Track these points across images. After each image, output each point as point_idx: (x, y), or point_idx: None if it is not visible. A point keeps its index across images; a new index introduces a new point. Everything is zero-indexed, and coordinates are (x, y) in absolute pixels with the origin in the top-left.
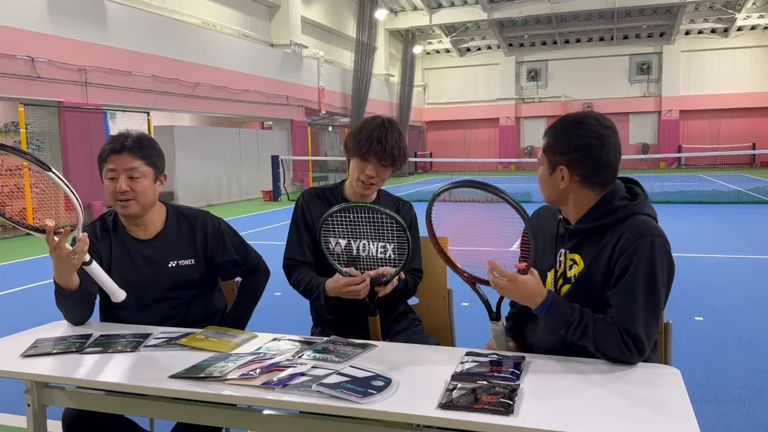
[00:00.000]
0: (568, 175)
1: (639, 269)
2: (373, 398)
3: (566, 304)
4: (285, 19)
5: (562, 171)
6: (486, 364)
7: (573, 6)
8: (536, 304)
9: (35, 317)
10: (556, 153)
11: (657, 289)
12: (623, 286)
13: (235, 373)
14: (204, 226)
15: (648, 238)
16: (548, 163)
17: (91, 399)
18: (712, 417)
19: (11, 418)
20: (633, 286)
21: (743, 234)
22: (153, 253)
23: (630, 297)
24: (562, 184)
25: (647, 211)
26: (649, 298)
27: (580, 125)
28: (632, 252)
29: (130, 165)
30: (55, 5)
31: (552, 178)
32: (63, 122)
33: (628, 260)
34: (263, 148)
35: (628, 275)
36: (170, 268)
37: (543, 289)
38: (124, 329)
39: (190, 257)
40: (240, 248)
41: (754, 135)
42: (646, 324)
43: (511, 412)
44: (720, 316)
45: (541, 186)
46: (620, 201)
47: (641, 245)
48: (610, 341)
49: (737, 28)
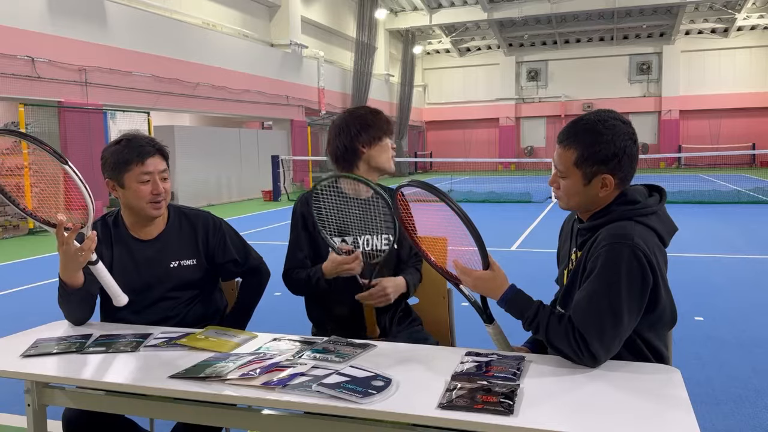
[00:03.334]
0: (612, 182)
1: (602, 275)
2: (373, 398)
3: (525, 299)
4: (285, 19)
5: (604, 179)
6: (486, 364)
7: (573, 6)
8: (497, 297)
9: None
10: (595, 163)
11: (619, 299)
12: (585, 288)
13: (235, 373)
14: (205, 226)
15: (619, 245)
16: (582, 175)
17: (91, 399)
18: (713, 417)
19: (11, 418)
20: (592, 291)
21: (743, 234)
22: (155, 254)
23: (587, 301)
24: (602, 192)
25: (646, 221)
26: (607, 308)
27: (609, 130)
28: (599, 256)
29: (162, 167)
30: (55, 5)
31: (588, 188)
32: (63, 122)
33: (594, 264)
34: (263, 148)
35: (591, 278)
36: (172, 268)
37: (504, 283)
38: (125, 329)
39: (192, 257)
40: (241, 249)
41: (754, 135)
42: (601, 333)
43: (511, 412)
44: (720, 316)
45: (568, 196)
46: (619, 205)
47: (609, 251)
48: (563, 340)
49: (737, 28)
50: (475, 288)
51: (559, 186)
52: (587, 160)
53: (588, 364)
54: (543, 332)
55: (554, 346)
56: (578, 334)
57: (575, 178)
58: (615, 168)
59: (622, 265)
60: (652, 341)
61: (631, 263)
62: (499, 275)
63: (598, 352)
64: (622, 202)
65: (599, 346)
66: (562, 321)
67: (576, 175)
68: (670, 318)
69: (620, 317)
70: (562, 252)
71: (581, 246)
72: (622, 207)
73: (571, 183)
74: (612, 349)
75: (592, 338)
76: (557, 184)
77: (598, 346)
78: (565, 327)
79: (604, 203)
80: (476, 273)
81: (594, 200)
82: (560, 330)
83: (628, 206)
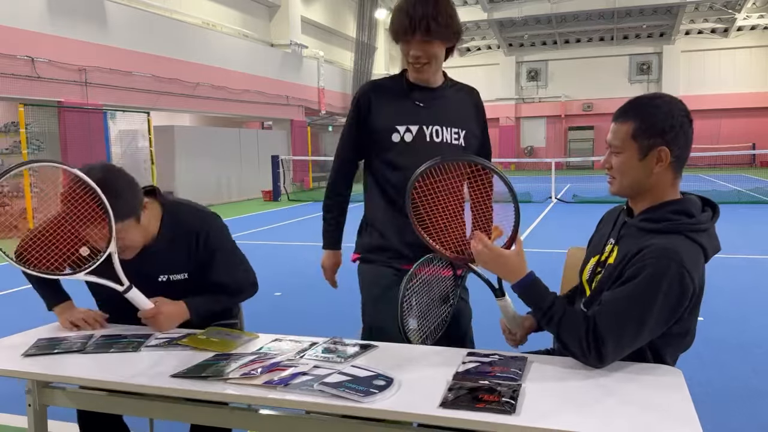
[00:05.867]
0: (668, 156)
1: (640, 284)
2: (375, 397)
3: (542, 289)
4: (285, 19)
5: (661, 152)
6: (488, 364)
7: (573, 6)
8: (514, 281)
9: (36, 317)
10: (653, 135)
11: (650, 313)
12: (618, 292)
13: (236, 373)
14: (197, 235)
15: (668, 260)
16: (638, 148)
17: (92, 399)
18: (713, 417)
19: (11, 418)
20: (625, 297)
21: (743, 234)
22: (142, 267)
23: (617, 305)
24: (657, 167)
25: (696, 237)
26: (635, 318)
27: (666, 104)
28: (645, 265)
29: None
30: (55, 5)
31: (644, 164)
32: (63, 122)
33: (634, 272)
34: (263, 148)
35: (629, 285)
36: (160, 282)
37: (524, 267)
38: (126, 329)
39: (183, 271)
40: (232, 270)
41: (754, 135)
42: (617, 338)
43: (513, 411)
44: (720, 316)
45: (622, 174)
46: (675, 214)
47: (656, 263)
48: (574, 337)
49: (737, 28)
50: (494, 265)
51: (611, 166)
52: (645, 132)
53: (590, 364)
54: (555, 324)
55: (562, 339)
56: (594, 334)
57: (631, 152)
58: (671, 141)
59: (664, 280)
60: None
61: (673, 280)
62: (521, 257)
63: (608, 356)
64: (678, 212)
65: (612, 351)
66: (579, 318)
67: (632, 149)
68: (689, 342)
69: (643, 329)
70: (595, 239)
71: (619, 240)
72: (677, 217)
73: (627, 158)
74: (621, 355)
75: (609, 341)
76: (609, 164)
77: (611, 350)
78: (582, 324)
79: (658, 189)
80: (506, 252)
81: (648, 180)
82: (575, 326)
83: (683, 217)
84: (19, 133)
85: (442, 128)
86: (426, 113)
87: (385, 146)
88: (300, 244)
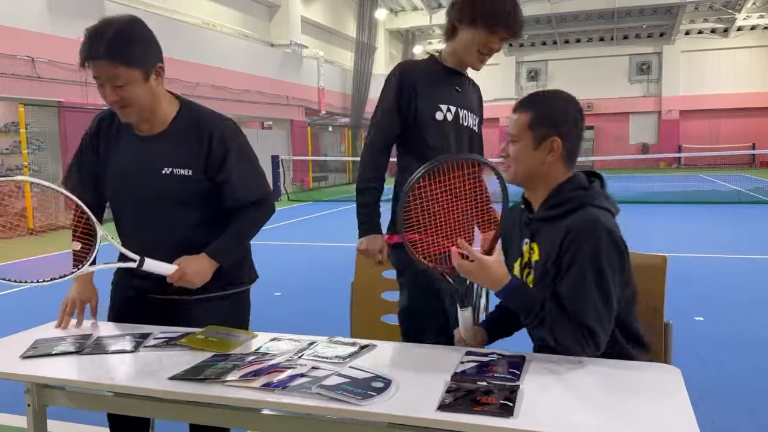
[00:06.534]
0: (560, 147)
1: (584, 266)
2: (373, 400)
3: (529, 291)
4: (285, 19)
5: (554, 143)
6: (486, 364)
7: (573, 6)
8: (499, 288)
9: (35, 317)
10: (547, 125)
11: (605, 281)
12: (570, 281)
13: (234, 375)
14: (211, 133)
15: (593, 233)
16: (533, 138)
17: (92, 399)
18: (713, 417)
19: (11, 418)
20: (580, 282)
21: (743, 234)
22: (148, 154)
23: (577, 292)
24: (549, 157)
25: (600, 203)
26: (599, 291)
27: (564, 99)
28: (577, 248)
29: (111, 73)
30: (55, 5)
31: (537, 152)
32: (63, 122)
33: (573, 256)
34: (263, 148)
35: (575, 271)
36: (163, 174)
37: (506, 272)
38: (124, 329)
39: (188, 167)
40: (244, 173)
41: (754, 135)
42: (597, 314)
43: (510, 414)
44: (720, 316)
45: (517, 162)
46: (573, 192)
47: (586, 241)
48: (567, 335)
49: (737, 28)
50: (481, 275)
51: (508, 154)
52: (540, 122)
53: (591, 353)
54: (548, 325)
55: (557, 339)
56: (580, 323)
57: (526, 141)
58: (564, 133)
59: (602, 250)
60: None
61: (609, 246)
62: (503, 264)
63: (602, 340)
64: (574, 188)
65: (601, 333)
66: (567, 316)
67: (527, 138)
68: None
69: (610, 301)
70: (511, 247)
71: (534, 236)
72: (577, 193)
73: (522, 146)
74: (609, 330)
75: (595, 327)
76: (507, 152)
77: (601, 334)
78: (570, 322)
79: (550, 179)
80: (488, 259)
81: (540, 168)
82: (565, 323)
83: (581, 191)
84: (19, 133)
85: (469, 113)
86: (459, 97)
87: (427, 124)
88: (300, 244)
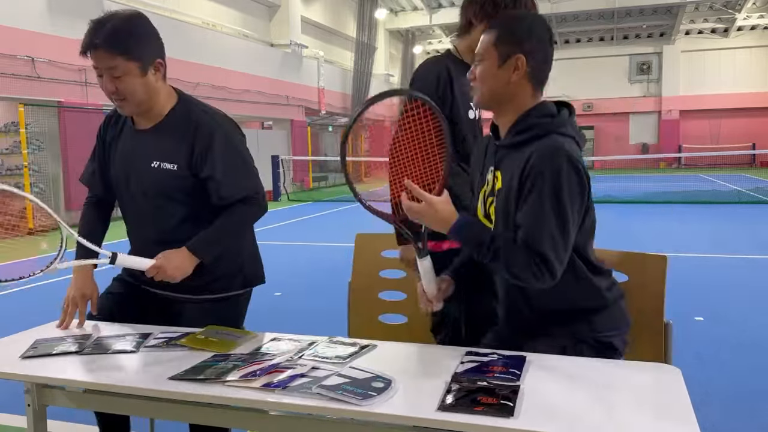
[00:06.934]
0: (524, 65)
1: (543, 192)
2: (374, 400)
3: (478, 226)
4: (285, 19)
5: (518, 60)
6: (486, 364)
7: (573, 6)
8: (447, 228)
9: (35, 317)
10: (513, 42)
11: (563, 209)
12: (529, 208)
13: (234, 375)
14: (196, 128)
15: (554, 159)
16: (498, 56)
17: (92, 399)
18: (713, 417)
19: (11, 418)
20: (538, 208)
21: (743, 234)
22: (141, 147)
23: (534, 219)
24: (513, 76)
25: (565, 131)
26: (556, 217)
27: (531, 18)
28: (537, 173)
29: (109, 64)
30: (55, 5)
31: (502, 71)
32: (63, 122)
33: (533, 182)
34: (263, 148)
35: (533, 197)
36: (152, 168)
37: (455, 211)
38: (124, 329)
39: (173, 161)
40: (230, 170)
41: (754, 135)
42: (553, 243)
43: (511, 414)
44: (720, 316)
45: (483, 84)
46: (539, 118)
47: (547, 167)
48: (521, 263)
49: (737, 28)
50: (430, 216)
51: (476, 76)
52: (504, 40)
53: (546, 281)
54: (502, 257)
55: (510, 270)
56: (533, 251)
57: (491, 60)
58: (528, 51)
59: (562, 176)
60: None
61: (569, 172)
62: (449, 202)
63: (557, 268)
64: (541, 115)
65: (556, 261)
66: (518, 244)
67: (492, 57)
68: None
69: (567, 228)
70: (475, 176)
71: (498, 164)
72: (543, 120)
73: (487, 66)
74: (564, 259)
75: (549, 254)
76: (474, 74)
77: (555, 261)
78: (522, 250)
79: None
80: (436, 199)
81: (506, 89)
82: (519, 253)
83: (547, 118)
84: (19, 133)
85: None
86: None
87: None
88: (300, 244)
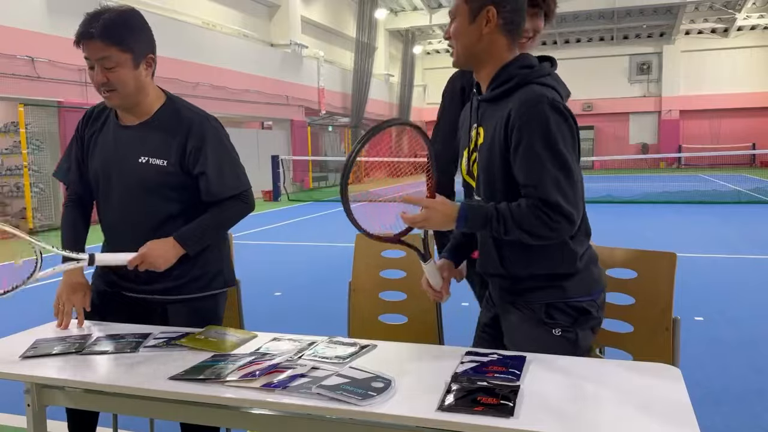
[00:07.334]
0: (494, 16)
1: (534, 141)
2: (373, 400)
3: (478, 206)
4: (285, 19)
5: (488, 12)
6: (486, 364)
7: (573, 6)
8: (454, 220)
9: (35, 317)
10: None
11: (560, 152)
12: (524, 159)
13: (234, 375)
14: (189, 126)
15: (539, 106)
16: (469, 10)
17: (91, 399)
18: (713, 417)
19: (11, 418)
20: (533, 156)
21: (743, 234)
22: (128, 142)
23: (533, 167)
24: (486, 29)
25: (545, 81)
26: (555, 163)
27: None
28: (524, 122)
29: (101, 54)
30: (55, 5)
31: (473, 26)
32: (63, 122)
33: (521, 132)
34: (263, 148)
35: (525, 147)
36: (140, 163)
37: (454, 205)
38: (124, 330)
39: (163, 157)
40: (220, 167)
41: (754, 135)
42: (558, 187)
43: (510, 414)
44: (720, 316)
45: (457, 41)
46: (519, 69)
47: (533, 115)
48: (532, 220)
49: (737, 28)
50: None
51: (450, 34)
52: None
53: (564, 230)
54: (512, 224)
55: (528, 232)
56: (541, 201)
57: (463, 16)
58: (498, 2)
59: (551, 123)
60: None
61: (556, 117)
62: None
63: (572, 213)
64: (521, 66)
65: (564, 202)
66: (521, 205)
67: (464, 13)
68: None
69: (570, 168)
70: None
71: (481, 120)
72: (522, 71)
73: (460, 22)
74: (579, 204)
75: (561, 201)
76: (448, 33)
77: (563, 202)
78: (526, 209)
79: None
80: (434, 201)
81: (479, 44)
82: (526, 212)
83: (526, 70)
84: (19, 133)
85: None
86: None
87: None
88: (300, 244)
